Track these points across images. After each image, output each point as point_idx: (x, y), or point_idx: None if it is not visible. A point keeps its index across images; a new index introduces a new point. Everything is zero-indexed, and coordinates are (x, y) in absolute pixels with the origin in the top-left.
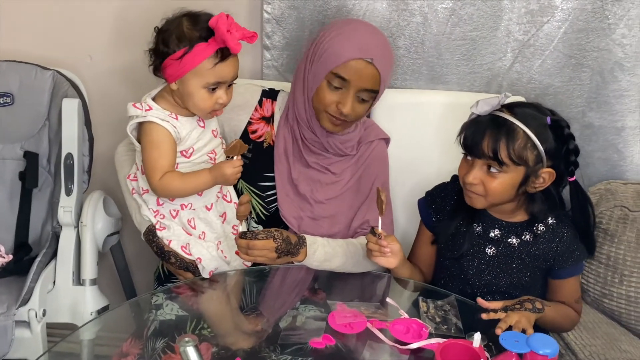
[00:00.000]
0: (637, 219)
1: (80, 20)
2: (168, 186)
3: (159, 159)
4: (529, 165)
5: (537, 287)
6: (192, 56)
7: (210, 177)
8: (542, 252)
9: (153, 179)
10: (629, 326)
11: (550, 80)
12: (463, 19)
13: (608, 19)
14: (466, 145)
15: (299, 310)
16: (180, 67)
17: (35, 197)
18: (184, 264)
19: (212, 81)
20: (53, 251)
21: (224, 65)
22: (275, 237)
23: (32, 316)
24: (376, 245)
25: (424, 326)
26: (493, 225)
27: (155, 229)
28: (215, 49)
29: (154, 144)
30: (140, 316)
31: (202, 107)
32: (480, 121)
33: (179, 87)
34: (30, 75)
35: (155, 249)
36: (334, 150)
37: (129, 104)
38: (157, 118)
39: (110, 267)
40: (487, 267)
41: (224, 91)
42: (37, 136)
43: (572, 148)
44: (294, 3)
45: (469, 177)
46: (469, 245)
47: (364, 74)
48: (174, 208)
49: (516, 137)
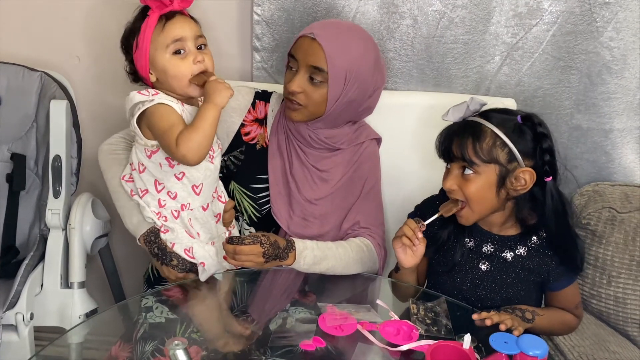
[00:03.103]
0: (624, 220)
1: (68, 21)
2: (187, 143)
3: (172, 128)
4: (501, 164)
5: (532, 300)
6: (143, 35)
7: (211, 103)
8: (536, 265)
9: (174, 148)
10: (617, 327)
11: (539, 83)
12: (454, 22)
13: (596, 22)
14: (440, 152)
15: (289, 312)
16: (141, 52)
17: (22, 199)
18: (186, 266)
19: (169, 41)
20: (41, 254)
21: (172, 23)
22: (262, 242)
23: (19, 320)
24: (412, 232)
25: (414, 328)
26: (485, 240)
27: (160, 231)
28: (157, 15)
29: (165, 118)
30: (129, 319)
31: (180, 74)
32: (450, 127)
33: (155, 75)
34: (18, 76)
35: (155, 251)
36: (320, 145)
37: (131, 92)
38: (166, 99)
39: (98, 269)
40: (482, 282)
41: (194, 50)
42: (25, 138)
43: (546, 147)
44: (283, 5)
45: (446, 183)
46: (460, 258)
47: (309, 50)
48: (175, 208)
49: (483, 135)
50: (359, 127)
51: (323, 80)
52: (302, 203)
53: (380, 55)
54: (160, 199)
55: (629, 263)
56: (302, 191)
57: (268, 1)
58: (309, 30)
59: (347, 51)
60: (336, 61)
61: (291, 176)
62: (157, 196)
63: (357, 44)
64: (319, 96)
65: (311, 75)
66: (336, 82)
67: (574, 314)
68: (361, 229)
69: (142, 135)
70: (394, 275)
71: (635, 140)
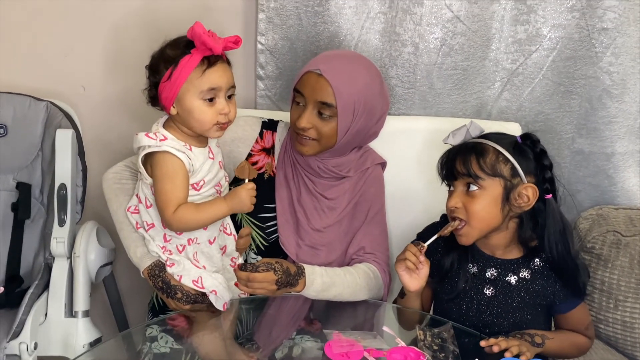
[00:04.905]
0: (629, 244)
1: (73, 52)
2: (183, 218)
3: (173, 191)
4: (505, 177)
5: (541, 323)
6: (180, 70)
7: (226, 204)
8: (541, 287)
9: (167, 212)
10: (626, 352)
11: (540, 108)
12: (454, 48)
13: (595, 48)
14: (443, 173)
15: (295, 340)
16: (172, 86)
17: (27, 228)
18: (191, 298)
19: (205, 88)
20: (45, 283)
21: (213, 71)
22: (275, 270)
23: (23, 349)
24: (414, 257)
25: (421, 354)
26: (489, 265)
27: (166, 265)
28: (200, 57)
29: (169, 175)
30: (133, 349)
31: (205, 120)
32: (451, 150)
33: (177, 110)
34: (24, 106)
35: (160, 284)
36: (329, 174)
37: (139, 133)
38: (173, 148)
39: (102, 298)
40: (488, 308)
41: (224, 101)
42: (30, 167)
43: (547, 164)
44: (287, 34)
45: (450, 201)
46: (464, 285)
47: (316, 86)
48: (181, 243)
49: (486, 152)
50: (364, 152)
51: (332, 114)
52: (311, 232)
53: (383, 80)
54: (165, 234)
55: (636, 287)
56: (311, 220)
57: (272, 31)
58: (314, 66)
59: (354, 83)
60: (344, 95)
61: (299, 206)
62: (163, 231)
63: (362, 74)
64: (329, 130)
65: (319, 110)
66: (345, 115)
67: (585, 335)
68: (366, 255)
69: (147, 175)
70: (399, 301)
71: (637, 163)
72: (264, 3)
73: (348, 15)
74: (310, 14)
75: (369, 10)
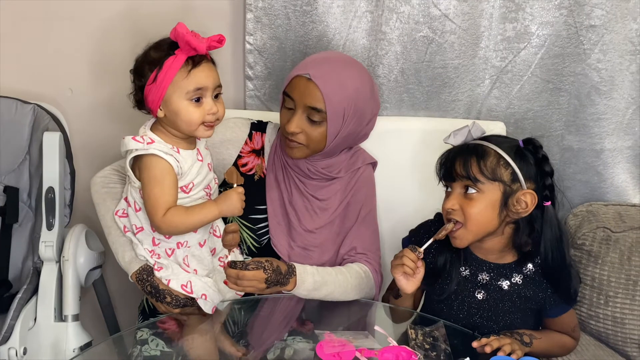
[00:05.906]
0: (619, 240)
1: (60, 54)
2: (173, 222)
3: (162, 194)
4: (505, 182)
5: (529, 326)
6: (165, 72)
7: (216, 207)
8: (532, 293)
9: (156, 215)
10: (617, 347)
11: (529, 105)
12: (442, 47)
13: (583, 45)
14: (441, 173)
15: (287, 341)
16: (157, 88)
17: (15, 232)
18: (180, 302)
19: (191, 89)
20: (34, 287)
21: (199, 71)
22: (265, 268)
23: (12, 355)
24: (413, 263)
25: (413, 353)
26: (481, 269)
27: (154, 269)
28: (184, 57)
29: (157, 179)
30: (124, 352)
31: (192, 120)
32: (451, 150)
33: (165, 112)
34: (11, 109)
35: (148, 289)
36: (319, 176)
37: (126, 137)
38: (161, 151)
39: (92, 302)
40: (478, 311)
41: (211, 100)
42: (18, 170)
43: (548, 170)
44: (275, 34)
45: (447, 203)
46: (456, 287)
47: (306, 91)
48: (170, 247)
49: (487, 155)
50: (355, 152)
51: (322, 119)
52: (303, 233)
53: (374, 82)
54: (154, 237)
55: (626, 282)
56: (303, 221)
57: (260, 30)
58: (303, 70)
59: (344, 88)
60: (334, 100)
61: (291, 207)
62: (152, 234)
63: (352, 78)
64: (319, 134)
65: (309, 115)
66: (335, 119)
67: (571, 336)
68: (358, 255)
69: (135, 179)
70: (393, 302)
71: (626, 159)
72: (251, 3)
73: (336, 14)
74: (299, 13)
75: (356, 9)
